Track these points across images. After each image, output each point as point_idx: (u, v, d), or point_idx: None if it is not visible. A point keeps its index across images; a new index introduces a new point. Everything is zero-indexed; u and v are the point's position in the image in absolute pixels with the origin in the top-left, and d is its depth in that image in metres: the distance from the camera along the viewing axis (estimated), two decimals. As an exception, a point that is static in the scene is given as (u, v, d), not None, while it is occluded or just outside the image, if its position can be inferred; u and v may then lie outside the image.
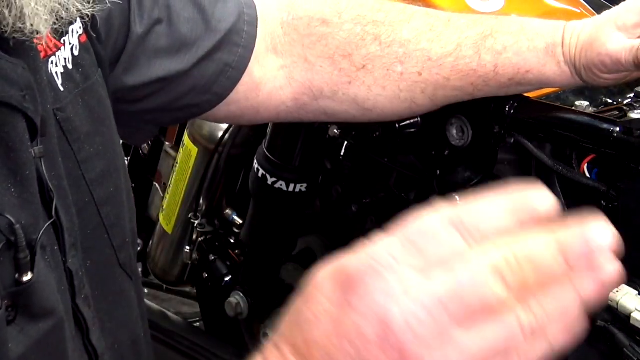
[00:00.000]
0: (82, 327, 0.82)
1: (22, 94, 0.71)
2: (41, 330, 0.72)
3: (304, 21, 1.09)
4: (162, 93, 1.04)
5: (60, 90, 0.83)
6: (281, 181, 1.46)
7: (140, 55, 1.01)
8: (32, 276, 0.71)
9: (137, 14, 0.99)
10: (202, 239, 1.68)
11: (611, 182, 1.06)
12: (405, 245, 0.50)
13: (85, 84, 0.88)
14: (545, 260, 0.50)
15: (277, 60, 1.10)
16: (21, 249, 0.70)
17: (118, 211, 0.90)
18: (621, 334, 1.08)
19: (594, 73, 1.01)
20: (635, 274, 1.06)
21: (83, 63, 0.88)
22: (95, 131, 0.87)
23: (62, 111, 0.83)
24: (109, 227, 0.88)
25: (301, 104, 1.12)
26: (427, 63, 1.06)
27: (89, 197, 0.86)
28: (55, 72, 0.83)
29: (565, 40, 1.02)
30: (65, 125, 0.83)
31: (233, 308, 1.63)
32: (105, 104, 0.91)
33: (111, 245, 0.89)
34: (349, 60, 1.08)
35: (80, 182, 0.85)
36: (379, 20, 1.08)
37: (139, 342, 0.95)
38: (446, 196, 1.17)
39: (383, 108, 1.10)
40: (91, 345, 0.83)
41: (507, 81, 1.04)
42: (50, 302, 0.74)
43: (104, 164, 0.88)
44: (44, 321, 0.73)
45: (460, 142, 1.15)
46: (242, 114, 1.12)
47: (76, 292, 0.80)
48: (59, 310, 0.75)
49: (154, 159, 1.94)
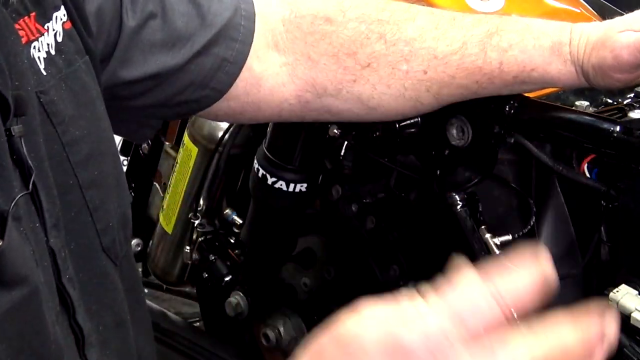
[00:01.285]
0: (68, 307, 0.82)
1: None
2: (14, 298, 0.73)
3: (307, 19, 1.09)
4: (160, 88, 1.05)
5: (42, 74, 0.84)
6: (281, 181, 1.46)
7: (134, 49, 1.01)
8: (2, 243, 0.71)
9: (129, 7, 1.00)
10: (202, 239, 1.68)
11: (611, 182, 1.06)
12: (455, 323, 0.53)
13: (68, 69, 0.88)
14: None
15: (279, 57, 1.10)
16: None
17: (103, 195, 0.90)
18: (621, 334, 1.09)
19: (605, 72, 0.99)
20: (635, 274, 1.06)
21: (66, 49, 0.89)
22: (79, 115, 0.88)
23: (45, 94, 0.83)
24: (92, 210, 0.88)
25: (304, 102, 1.12)
26: (433, 61, 1.06)
27: (74, 179, 0.86)
28: (38, 56, 0.84)
29: (573, 40, 1.01)
30: (49, 107, 0.84)
31: (233, 308, 1.63)
32: (89, 90, 0.92)
33: (94, 228, 0.89)
34: (354, 59, 1.08)
35: (65, 164, 0.85)
36: (383, 18, 1.08)
37: (125, 326, 0.95)
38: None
39: (387, 106, 1.10)
40: (77, 325, 0.83)
41: (511, 79, 1.04)
42: (23, 270, 0.74)
43: (89, 147, 0.88)
44: (16, 289, 0.73)
45: (460, 142, 1.15)
46: (243, 110, 1.12)
47: (61, 271, 0.81)
48: (32, 279, 0.75)
49: (154, 159, 1.94)
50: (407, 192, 1.38)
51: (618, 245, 1.08)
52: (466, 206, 1.17)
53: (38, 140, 0.80)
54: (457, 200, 1.17)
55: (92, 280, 0.89)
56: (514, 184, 1.20)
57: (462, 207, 1.17)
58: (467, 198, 1.17)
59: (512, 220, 1.21)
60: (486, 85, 1.06)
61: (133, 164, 1.99)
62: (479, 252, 1.15)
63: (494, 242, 1.13)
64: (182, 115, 1.45)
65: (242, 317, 1.64)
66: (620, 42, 0.97)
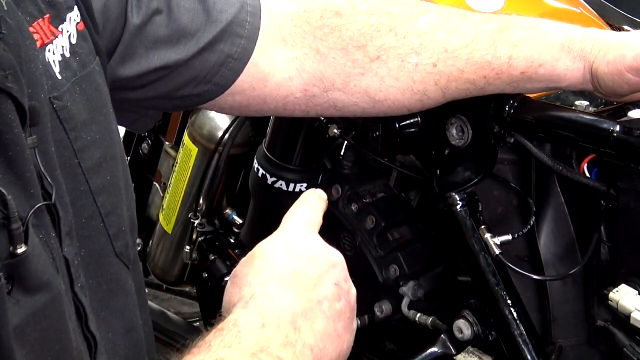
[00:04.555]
0: (80, 315, 0.82)
1: (3, 74, 0.72)
2: (37, 303, 0.73)
3: (317, 13, 1.09)
4: (162, 82, 1.05)
5: (57, 79, 0.84)
6: (281, 181, 1.46)
7: (137, 45, 1.01)
8: (27, 248, 0.71)
9: (135, 4, 1.00)
10: (202, 239, 1.68)
11: (611, 182, 1.06)
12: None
13: (83, 72, 0.88)
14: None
15: (287, 52, 1.10)
16: (14, 219, 0.70)
17: (115, 200, 0.90)
18: (621, 334, 1.09)
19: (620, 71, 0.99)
20: (635, 274, 1.06)
21: (80, 51, 0.88)
22: (92, 119, 0.87)
23: (60, 99, 0.83)
24: (104, 215, 0.88)
25: (310, 96, 1.11)
26: (443, 54, 1.06)
27: (85, 186, 0.86)
28: (53, 60, 0.84)
29: (586, 39, 1.01)
30: (62, 113, 0.83)
31: (233, 308, 1.63)
32: (102, 93, 0.92)
33: (107, 234, 0.89)
34: (363, 52, 1.08)
35: (76, 171, 0.85)
36: (393, 12, 1.08)
37: (136, 331, 0.95)
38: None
39: (395, 100, 1.10)
40: (90, 332, 0.83)
41: (519, 74, 1.04)
42: (45, 276, 0.74)
43: (100, 153, 0.88)
44: (39, 295, 0.73)
45: (460, 142, 1.15)
46: (249, 104, 1.12)
47: (74, 280, 0.81)
48: (54, 285, 0.75)
49: (154, 159, 1.94)
50: (407, 192, 1.38)
51: (618, 245, 1.08)
52: (466, 206, 1.17)
53: (50, 150, 0.80)
54: (457, 200, 1.17)
55: (102, 287, 0.88)
56: (514, 184, 1.20)
57: (462, 207, 1.17)
58: (467, 198, 1.17)
59: (512, 220, 1.21)
60: (493, 81, 1.06)
61: (133, 164, 1.98)
62: (479, 252, 1.15)
63: (494, 242, 1.13)
64: (183, 108, 1.45)
65: (242, 317, 1.64)
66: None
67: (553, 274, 1.16)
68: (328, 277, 0.85)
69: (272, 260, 0.85)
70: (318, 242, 0.88)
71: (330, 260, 0.87)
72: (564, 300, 1.17)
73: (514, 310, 1.13)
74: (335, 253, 0.88)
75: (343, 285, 0.86)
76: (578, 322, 1.16)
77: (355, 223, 1.33)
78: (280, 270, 0.84)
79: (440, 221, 1.22)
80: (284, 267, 0.84)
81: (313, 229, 0.91)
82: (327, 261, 0.86)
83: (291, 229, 0.91)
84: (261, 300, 0.81)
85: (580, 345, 1.17)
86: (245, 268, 0.86)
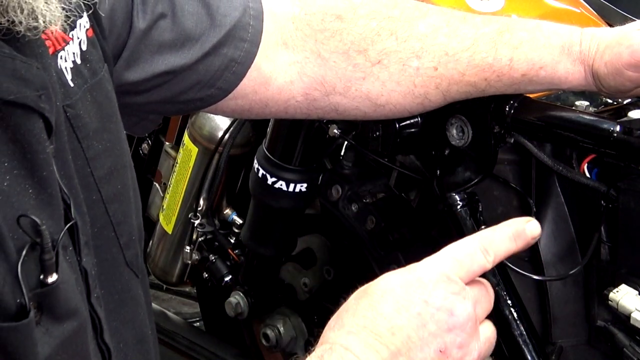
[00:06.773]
0: (96, 326, 0.81)
1: (37, 94, 0.71)
2: (65, 332, 0.72)
3: (318, 16, 1.09)
4: (166, 87, 1.04)
5: (70, 86, 0.83)
6: (281, 181, 1.45)
7: (142, 50, 1.00)
8: (57, 277, 0.70)
9: (140, 9, 0.99)
10: (202, 239, 1.68)
11: (611, 182, 1.06)
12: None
13: (94, 79, 0.87)
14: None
15: (288, 55, 1.10)
16: (47, 249, 0.69)
17: (125, 208, 0.90)
18: (621, 334, 1.09)
19: (618, 70, 0.98)
20: (635, 274, 1.06)
21: (91, 58, 0.88)
22: (103, 127, 0.87)
23: (72, 107, 0.82)
24: (115, 224, 0.88)
25: (311, 100, 1.11)
26: (444, 58, 1.06)
27: (97, 194, 0.85)
28: (65, 67, 0.83)
29: (584, 41, 1.01)
30: (75, 122, 0.82)
31: (233, 308, 1.63)
32: (112, 100, 0.91)
33: (118, 243, 0.88)
34: (364, 56, 1.08)
35: (89, 180, 0.84)
36: (394, 16, 1.08)
37: (146, 341, 0.94)
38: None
39: (396, 104, 1.10)
40: (104, 344, 0.82)
41: (519, 77, 1.04)
42: (74, 302, 0.73)
43: (111, 161, 0.87)
44: (67, 322, 0.72)
45: (460, 142, 1.15)
46: (250, 107, 1.12)
47: (90, 291, 0.80)
48: (81, 311, 0.75)
49: (154, 159, 1.94)
50: (407, 192, 1.38)
51: (618, 245, 1.08)
52: (466, 206, 1.17)
53: (67, 158, 0.79)
54: (457, 200, 1.17)
55: (113, 297, 0.87)
56: (514, 184, 1.20)
57: (462, 207, 1.17)
58: (467, 198, 1.17)
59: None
60: (494, 83, 1.06)
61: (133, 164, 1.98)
62: (479, 252, 1.15)
63: (494, 242, 1.13)
64: (185, 112, 1.45)
65: (242, 317, 1.64)
66: (638, 38, 0.98)
67: (553, 274, 1.16)
68: (433, 341, 0.75)
69: (378, 305, 0.77)
70: (445, 296, 0.77)
71: (448, 322, 0.76)
72: (564, 300, 1.17)
73: (514, 310, 1.13)
74: (463, 314, 0.77)
75: (453, 353, 0.76)
76: (578, 322, 1.16)
77: (355, 223, 1.33)
78: (377, 322, 0.76)
79: (440, 221, 1.22)
80: (384, 319, 0.76)
81: (460, 274, 0.79)
82: (442, 322, 0.76)
83: (426, 268, 0.80)
84: (337, 354, 0.75)
85: (580, 345, 1.17)
86: (353, 301, 0.80)
